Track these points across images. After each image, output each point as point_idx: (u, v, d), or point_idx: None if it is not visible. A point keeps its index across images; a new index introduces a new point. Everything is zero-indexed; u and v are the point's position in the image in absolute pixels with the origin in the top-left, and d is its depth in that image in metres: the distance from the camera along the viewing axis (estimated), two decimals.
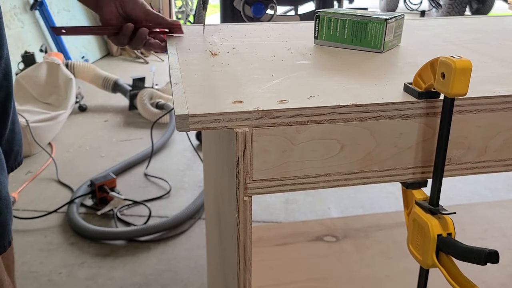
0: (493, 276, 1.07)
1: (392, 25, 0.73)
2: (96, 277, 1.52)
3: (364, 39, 0.74)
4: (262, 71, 0.63)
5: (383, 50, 0.73)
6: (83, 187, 1.95)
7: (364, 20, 0.73)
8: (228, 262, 0.67)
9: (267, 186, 0.53)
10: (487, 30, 0.89)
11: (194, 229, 1.77)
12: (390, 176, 0.57)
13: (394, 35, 0.75)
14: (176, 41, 0.80)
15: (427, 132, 0.55)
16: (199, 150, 2.37)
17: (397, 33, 0.76)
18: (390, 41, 0.74)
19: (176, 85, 0.57)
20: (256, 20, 1.77)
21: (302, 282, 1.07)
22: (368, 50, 0.74)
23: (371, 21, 0.73)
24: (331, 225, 1.26)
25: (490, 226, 1.26)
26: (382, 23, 0.72)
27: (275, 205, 1.93)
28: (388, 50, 0.75)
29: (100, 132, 2.65)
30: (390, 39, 0.74)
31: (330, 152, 0.53)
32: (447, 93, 0.49)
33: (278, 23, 0.95)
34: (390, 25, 0.73)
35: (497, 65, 0.67)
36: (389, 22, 0.72)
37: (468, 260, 0.48)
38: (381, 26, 0.72)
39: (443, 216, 0.54)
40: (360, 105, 0.52)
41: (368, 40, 0.74)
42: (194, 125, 0.49)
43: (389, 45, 0.74)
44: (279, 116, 0.50)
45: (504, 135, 0.57)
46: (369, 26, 0.73)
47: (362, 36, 0.74)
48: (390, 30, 0.73)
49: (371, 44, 0.73)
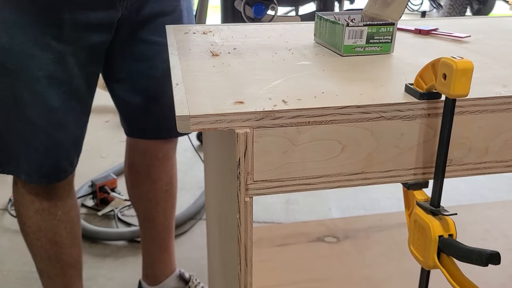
0: (494, 277, 1.07)
1: (355, 30, 0.71)
2: (96, 278, 1.52)
3: (334, 40, 0.74)
4: (263, 71, 0.63)
5: (342, 54, 0.72)
6: (84, 187, 1.95)
7: (334, 23, 0.73)
8: (229, 262, 0.67)
9: (268, 187, 0.53)
10: (488, 31, 0.89)
11: (195, 229, 1.77)
12: (391, 177, 0.57)
13: (367, 41, 0.72)
14: (176, 41, 0.80)
15: (428, 133, 0.55)
16: (199, 151, 2.36)
17: (375, 40, 0.73)
18: (355, 46, 0.72)
19: (177, 85, 0.58)
20: (257, 20, 1.77)
21: (302, 282, 1.07)
22: (335, 51, 0.74)
23: (337, 24, 0.72)
24: (332, 226, 1.26)
25: (491, 227, 1.26)
26: (341, 26, 0.71)
27: (276, 206, 1.93)
28: (356, 55, 0.72)
29: (101, 132, 2.65)
30: (353, 43, 0.71)
31: (331, 153, 0.53)
32: (449, 94, 0.49)
33: (279, 23, 0.95)
34: (352, 29, 0.71)
35: (498, 66, 0.67)
36: (350, 26, 0.70)
37: (469, 261, 0.48)
38: (340, 29, 0.71)
39: (444, 217, 0.54)
40: (361, 106, 0.52)
41: (335, 41, 0.73)
42: (195, 126, 0.49)
43: (353, 50, 0.72)
44: (280, 117, 0.50)
45: (505, 136, 0.57)
46: (336, 28, 0.73)
47: (333, 37, 0.74)
48: (352, 35, 0.71)
49: (336, 45, 0.73)
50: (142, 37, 1.01)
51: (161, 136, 1.17)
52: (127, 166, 1.26)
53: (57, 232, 1.08)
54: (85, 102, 0.99)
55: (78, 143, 1.02)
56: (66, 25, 0.88)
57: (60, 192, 1.06)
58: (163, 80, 1.06)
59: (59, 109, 0.93)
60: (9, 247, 1.63)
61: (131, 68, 1.04)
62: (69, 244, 1.12)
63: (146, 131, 1.16)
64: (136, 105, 1.10)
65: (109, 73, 1.07)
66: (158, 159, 1.21)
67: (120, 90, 1.09)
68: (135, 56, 1.03)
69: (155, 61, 1.04)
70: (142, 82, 1.07)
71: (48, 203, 1.05)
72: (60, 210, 1.07)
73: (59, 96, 0.92)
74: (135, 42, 1.01)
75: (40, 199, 1.04)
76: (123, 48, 1.02)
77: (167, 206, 1.28)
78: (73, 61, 0.92)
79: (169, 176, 1.25)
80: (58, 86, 0.92)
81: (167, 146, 1.21)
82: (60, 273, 1.14)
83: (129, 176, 1.27)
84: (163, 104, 1.09)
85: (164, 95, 1.08)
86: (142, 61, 1.03)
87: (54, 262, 1.12)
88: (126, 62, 1.04)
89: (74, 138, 1.00)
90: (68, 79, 0.93)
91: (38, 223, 1.06)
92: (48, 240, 1.08)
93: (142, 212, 1.29)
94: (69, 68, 0.92)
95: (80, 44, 0.92)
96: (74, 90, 0.95)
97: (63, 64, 0.91)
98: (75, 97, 0.95)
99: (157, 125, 1.14)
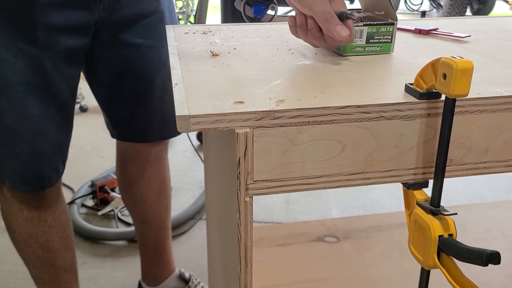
0: (494, 277, 1.07)
1: (355, 30, 0.69)
2: (96, 278, 1.52)
3: None
4: (263, 71, 0.63)
5: (342, 53, 0.71)
6: (84, 187, 1.96)
7: None
8: (229, 262, 0.67)
9: (268, 186, 0.53)
10: (488, 31, 0.89)
11: (195, 229, 1.77)
12: (391, 177, 0.57)
13: (367, 41, 0.72)
14: (176, 42, 0.80)
15: (428, 132, 0.55)
16: (199, 151, 2.36)
17: (375, 40, 0.73)
18: (355, 45, 0.71)
19: (176, 85, 0.57)
20: (257, 20, 1.77)
21: (302, 282, 1.07)
22: (335, 51, 0.73)
23: None
24: (332, 226, 1.26)
25: (491, 226, 1.26)
26: None
27: (276, 206, 1.93)
28: (356, 55, 0.72)
29: (101, 132, 2.64)
30: (353, 43, 0.70)
31: (331, 152, 0.53)
32: (449, 93, 0.49)
33: (279, 23, 0.95)
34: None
35: (498, 65, 0.67)
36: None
37: (469, 261, 0.48)
38: None
39: (444, 216, 0.54)
40: (361, 105, 0.52)
41: None
42: (195, 126, 0.49)
43: (353, 50, 0.72)
44: (280, 117, 0.50)
45: (505, 136, 0.57)
46: None
47: None
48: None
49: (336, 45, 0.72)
50: (124, 40, 0.99)
51: (150, 139, 1.16)
52: (118, 170, 1.25)
53: (48, 238, 1.07)
54: (66, 107, 0.97)
55: (61, 150, 1.00)
56: (39, 29, 0.86)
57: (49, 199, 1.04)
58: (147, 83, 1.05)
59: (38, 116, 0.90)
60: (9, 247, 1.63)
61: (115, 71, 1.03)
62: (61, 248, 1.11)
63: (134, 134, 1.15)
64: (121, 108, 1.09)
65: (93, 76, 1.06)
66: (149, 161, 1.20)
67: (104, 93, 1.08)
68: (118, 59, 1.01)
69: (138, 63, 1.03)
70: (126, 85, 1.05)
71: (38, 211, 1.03)
72: (50, 216, 1.05)
73: (37, 103, 0.90)
74: (117, 45, 1.00)
75: (29, 207, 1.02)
76: (105, 51, 1.00)
77: (162, 207, 1.28)
78: (50, 66, 0.89)
79: (161, 178, 1.25)
80: (36, 92, 0.89)
81: (158, 148, 1.20)
82: (55, 278, 1.13)
83: (122, 180, 1.26)
84: (149, 106, 1.08)
85: (149, 98, 1.07)
86: (125, 64, 1.02)
87: (48, 267, 1.11)
88: (109, 65, 1.02)
89: (57, 145, 0.97)
90: (46, 84, 0.90)
91: (28, 230, 1.05)
92: (39, 246, 1.07)
93: (136, 215, 1.29)
94: (47, 74, 0.89)
95: (57, 49, 0.89)
96: (53, 96, 0.92)
97: (40, 70, 0.88)
98: (54, 103, 0.93)
99: (144, 128, 1.13)
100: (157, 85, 1.07)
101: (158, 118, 1.11)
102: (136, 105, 1.08)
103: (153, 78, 1.06)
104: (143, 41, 1.00)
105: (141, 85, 1.06)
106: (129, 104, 1.08)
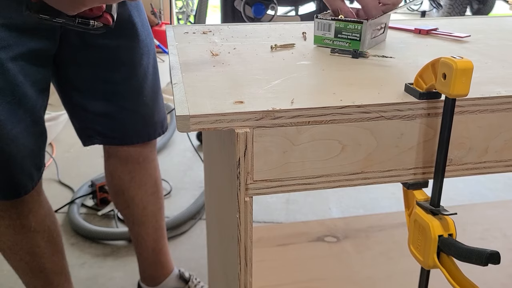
0: (494, 277, 1.07)
1: (323, 22, 0.75)
2: (96, 278, 1.52)
3: None
4: (263, 71, 0.63)
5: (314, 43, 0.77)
6: (84, 187, 1.96)
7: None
8: (229, 262, 0.67)
9: (268, 186, 0.53)
10: (488, 31, 0.89)
11: (195, 229, 1.77)
12: (391, 177, 0.57)
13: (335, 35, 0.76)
14: (176, 41, 0.80)
15: (428, 132, 0.55)
16: (199, 151, 2.37)
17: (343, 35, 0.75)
18: (324, 37, 0.76)
19: (176, 85, 0.57)
20: (257, 20, 1.77)
21: (302, 282, 1.07)
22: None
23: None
24: (332, 226, 1.26)
25: (491, 226, 1.26)
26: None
27: (276, 206, 1.93)
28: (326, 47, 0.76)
29: None
30: (322, 35, 0.76)
31: (331, 152, 0.53)
32: (448, 93, 0.49)
33: (279, 23, 0.95)
34: (321, 21, 0.75)
35: (498, 65, 0.67)
36: (319, 18, 0.75)
37: (469, 261, 0.48)
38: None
39: (444, 216, 0.54)
40: (361, 105, 0.52)
41: None
42: (195, 126, 0.49)
43: (323, 41, 0.76)
44: (280, 117, 0.50)
45: (505, 136, 0.57)
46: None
47: None
48: (321, 27, 0.76)
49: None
50: (92, 42, 0.96)
51: (133, 141, 1.13)
52: (108, 174, 1.21)
53: (33, 243, 1.05)
54: (36, 111, 0.93)
55: (34, 155, 0.95)
56: (0, 30, 0.82)
57: (30, 205, 1.01)
58: (123, 84, 1.03)
59: (5, 121, 0.86)
60: None
61: (87, 74, 1.01)
62: (49, 252, 1.08)
63: (115, 137, 1.11)
64: (97, 111, 1.06)
65: (65, 81, 1.03)
66: (139, 163, 1.17)
67: (78, 98, 1.04)
68: (89, 61, 0.99)
69: (111, 65, 1.00)
70: (99, 88, 1.03)
71: (19, 217, 1.00)
72: (33, 222, 1.02)
73: (3, 107, 0.86)
74: (86, 48, 0.97)
75: (9, 214, 0.99)
76: (75, 55, 0.98)
77: (156, 208, 1.26)
78: (15, 69, 0.85)
79: (153, 179, 1.23)
80: (0, 96, 0.85)
81: (147, 149, 1.17)
82: (46, 283, 1.11)
83: (112, 184, 1.22)
84: (127, 108, 1.06)
85: (127, 99, 1.05)
86: (96, 66, 1.00)
87: (38, 272, 1.09)
88: (80, 68, 1.00)
89: (29, 150, 0.93)
90: (11, 88, 0.86)
91: (12, 238, 1.02)
92: (26, 252, 1.05)
93: (131, 218, 1.26)
94: (11, 76, 0.85)
95: (19, 51, 0.85)
96: (21, 100, 0.88)
97: (3, 73, 0.84)
98: (22, 107, 0.89)
99: (125, 130, 1.10)
100: (133, 87, 1.05)
101: (138, 120, 1.09)
102: (112, 107, 1.05)
103: (127, 79, 1.03)
104: (113, 42, 0.97)
105: (115, 87, 1.03)
106: (104, 107, 1.05)
